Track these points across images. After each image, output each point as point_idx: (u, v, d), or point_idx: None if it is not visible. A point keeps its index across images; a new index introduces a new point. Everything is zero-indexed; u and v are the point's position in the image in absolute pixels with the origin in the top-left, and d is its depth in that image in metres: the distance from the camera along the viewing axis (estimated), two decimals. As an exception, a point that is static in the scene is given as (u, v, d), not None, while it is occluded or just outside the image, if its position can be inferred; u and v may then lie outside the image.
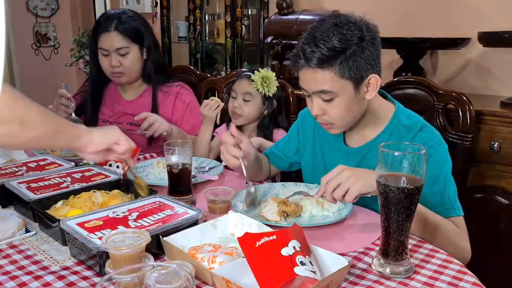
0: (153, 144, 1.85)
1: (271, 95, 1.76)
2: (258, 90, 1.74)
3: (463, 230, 1.17)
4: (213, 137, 1.89)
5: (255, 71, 1.76)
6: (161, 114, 1.88)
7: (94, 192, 1.16)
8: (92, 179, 1.28)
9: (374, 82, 1.18)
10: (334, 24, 1.14)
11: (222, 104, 1.74)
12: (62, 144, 1.08)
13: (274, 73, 1.77)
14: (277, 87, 1.78)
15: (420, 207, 1.03)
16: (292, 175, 1.73)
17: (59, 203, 1.12)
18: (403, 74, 2.10)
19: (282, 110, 1.86)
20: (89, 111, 1.97)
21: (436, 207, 1.13)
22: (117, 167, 1.45)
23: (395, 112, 1.28)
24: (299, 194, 1.24)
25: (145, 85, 1.97)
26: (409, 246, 0.93)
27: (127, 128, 1.86)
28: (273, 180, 1.63)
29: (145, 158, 1.69)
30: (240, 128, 1.82)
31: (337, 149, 1.36)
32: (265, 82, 1.74)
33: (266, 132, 1.80)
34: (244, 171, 1.25)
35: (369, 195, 1.04)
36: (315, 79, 1.16)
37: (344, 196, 1.04)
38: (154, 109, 1.89)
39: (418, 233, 1.08)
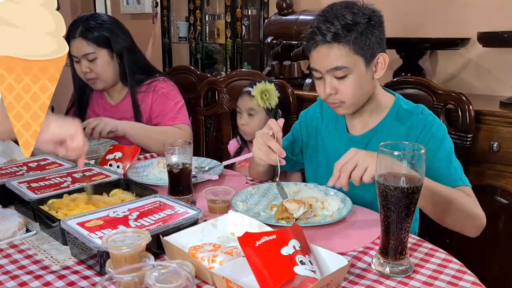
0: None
1: (273, 107, 1.77)
2: (259, 105, 1.76)
3: (474, 198, 1.19)
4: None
5: (253, 86, 1.76)
6: (143, 114, 1.89)
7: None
8: (92, 179, 1.28)
9: (382, 61, 1.26)
10: (344, 6, 1.23)
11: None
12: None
13: (273, 85, 1.76)
14: (278, 97, 1.78)
15: (430, 182, 1.08)
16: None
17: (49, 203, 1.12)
18: (403, 74, 2.11)
19: (288, 118, 1.87)
20: (76, 116, 1.96)
21: (442, 180, 1.16)
22: (118, 167, 1.45)
23: (395, 100, 1.35)
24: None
25: (126, 88, 1.95)
26: (409, 245, 0.93)
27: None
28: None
29: (145, 158, 1.70)
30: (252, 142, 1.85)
31: (341, 139, 1.40)
32: (265, 95, 1.74)
33: None
34: (279, 166, 1.25)
35: None
36: (330, 55, 1.22)
37: (361, 177, 1.06)
38: (136, 111, 1.89)
39: (430, 209, 1.13)
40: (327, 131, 1.44)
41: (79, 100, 1.99)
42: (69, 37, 1.81)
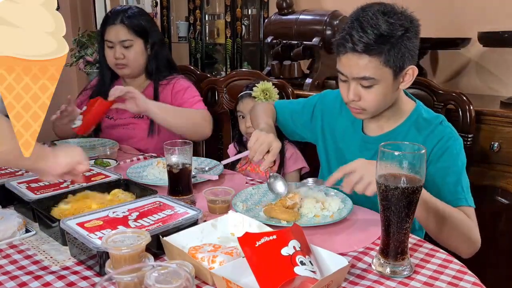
0: (155, 135, 1.90)
1: None
2: None
3: (474, 221, 1.17)
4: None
5: (253, 87, 1.79)
6: None
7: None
8: (92, 179, 1.28)
9: (411, 73, 1.21)
10: (381, 11, 1.15)
11: None
12: (27, 164, 1.04)
13: (271, 83, 1.81)
14: (278, 94, 1.81)
15: (430, 198, 1.06)
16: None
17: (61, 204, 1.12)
18: (403, 74, 2.10)
19: None
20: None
21: (448, 196, 1.15)
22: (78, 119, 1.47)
23: (416, 107, 1.32)
24: (305, 186, 1.23)
25: (148, 81, 2.00)
26: (409, 246, 0.93)
27: (130, 122, 1.94)
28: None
29: (145, 158, 1.70)
30: None
31: (355, 138, 1.38)
32: (266, 94, 1.78)
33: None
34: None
35: None
36: (358, 64, 1.17)
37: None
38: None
39: (427, 224, 1.11)
40: (343, 126, 1.41)
41: (100, 90, 1.99)
42: (108, 24, 1.88)
